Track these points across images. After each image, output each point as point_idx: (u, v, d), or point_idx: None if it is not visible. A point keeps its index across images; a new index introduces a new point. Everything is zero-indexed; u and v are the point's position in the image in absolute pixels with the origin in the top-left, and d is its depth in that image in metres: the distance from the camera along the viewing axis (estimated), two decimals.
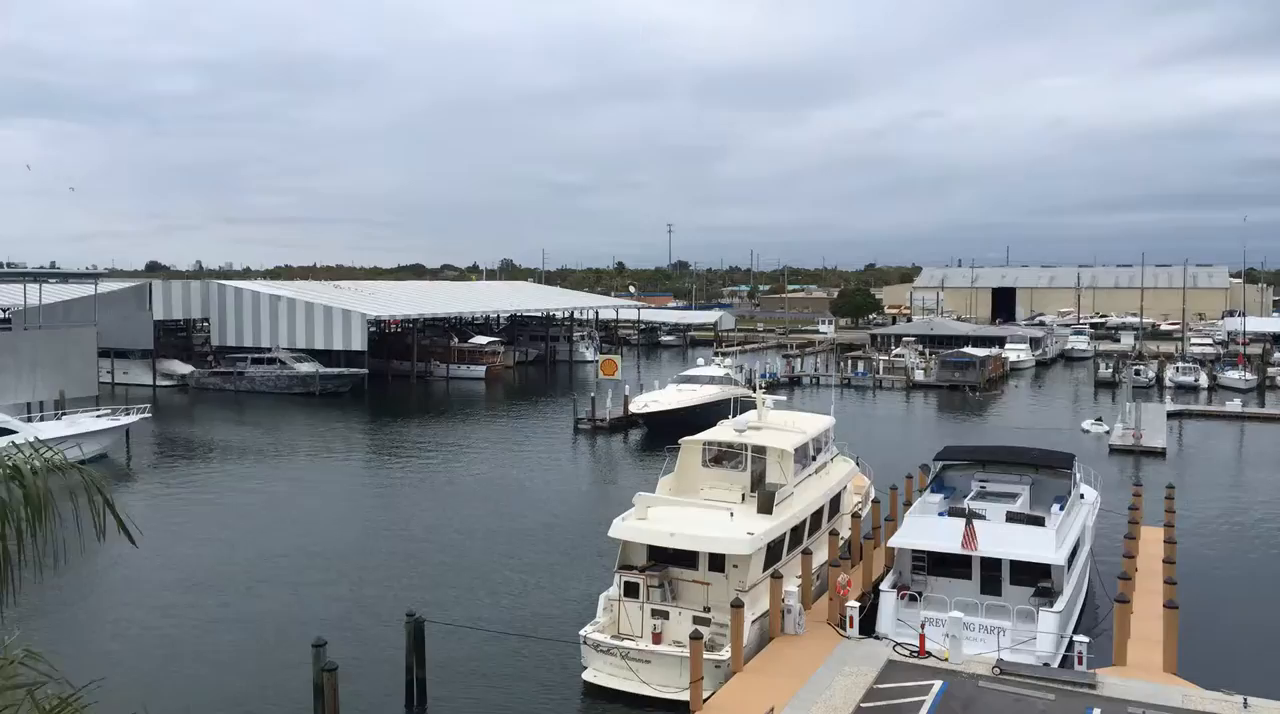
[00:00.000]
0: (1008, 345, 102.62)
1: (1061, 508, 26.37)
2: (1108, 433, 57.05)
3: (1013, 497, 27.70)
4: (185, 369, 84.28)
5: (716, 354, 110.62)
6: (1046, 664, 21.37)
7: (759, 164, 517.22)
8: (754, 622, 22.41)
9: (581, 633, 22.67)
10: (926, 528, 25.21)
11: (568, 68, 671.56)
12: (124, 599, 28.74)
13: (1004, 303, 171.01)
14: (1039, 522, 25.03)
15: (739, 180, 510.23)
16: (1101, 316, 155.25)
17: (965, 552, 23.73)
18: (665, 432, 46.37)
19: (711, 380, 62.49)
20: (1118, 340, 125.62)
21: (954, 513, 25.60)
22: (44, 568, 6.79)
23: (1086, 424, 61.12)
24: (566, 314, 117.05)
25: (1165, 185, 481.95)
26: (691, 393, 59.55)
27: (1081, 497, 29.73)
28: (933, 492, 29.14)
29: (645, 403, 58.60)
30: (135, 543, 7.18)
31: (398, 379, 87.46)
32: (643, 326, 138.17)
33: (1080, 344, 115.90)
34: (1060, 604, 22.69)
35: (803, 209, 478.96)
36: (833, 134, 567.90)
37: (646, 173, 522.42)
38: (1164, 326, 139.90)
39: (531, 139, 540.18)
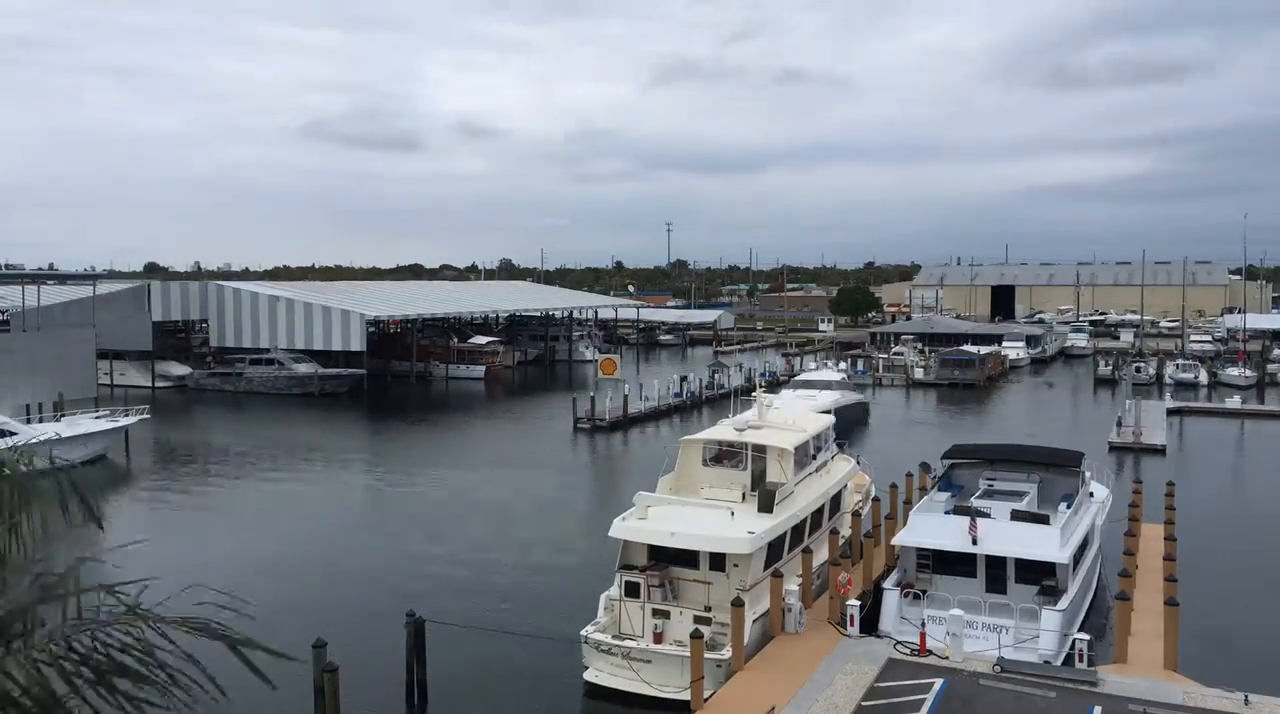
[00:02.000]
0: (1006, 343, 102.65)
1: (1069, 506, 26.31)
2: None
3: (1020, 495, 27.61)
4: (183, 370, 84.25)
5: (716, 353, 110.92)
6: (1047, 662, 21.35)
7: None
8: (755, 621, 22.39)
9: (582, 633, 22.63)
10: (931, 526, 25.16)
11: None
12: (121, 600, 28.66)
13: (1003, 301, 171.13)
14: (1044, 520, 24.98)
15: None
16: (1101, 314, 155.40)
17: (969, 550, 23.70)
18: None
19: (829, 385, 58.53)
20: (1117, 337, 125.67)
21: (959, 511, 25.55)
22: (29, 559, 6.92)
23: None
24: (565, 314, 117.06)
25: None
26: (812, 400, 53.83)
27: (1091, 495, 29.60)
28: (940, 490, 29.05)
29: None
30: (101, 526, 7.34)
31: (397, 379, 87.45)
32: (641, 326, 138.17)
33: (1079, 341, 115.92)
34: (1064, 603, 22.64)
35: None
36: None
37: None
38: (1164, 324, 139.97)
39: None
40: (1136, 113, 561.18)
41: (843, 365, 69.93)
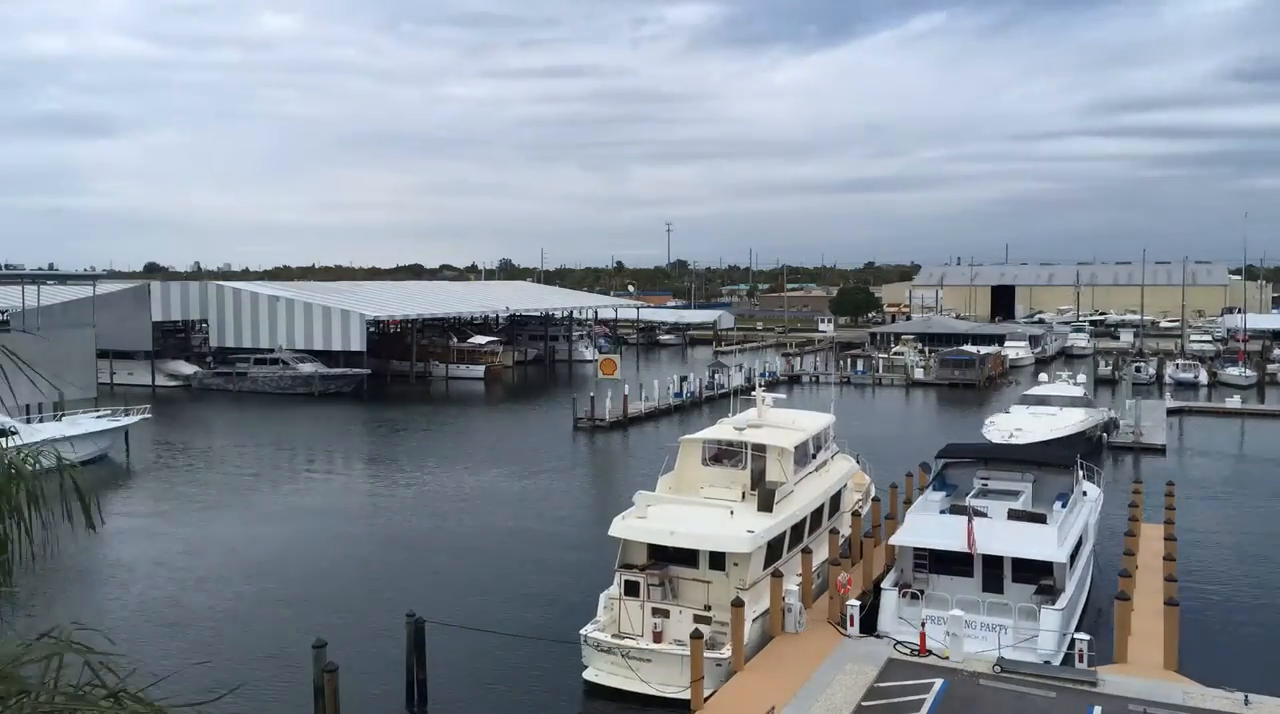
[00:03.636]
0: (1007, 343, 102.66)
1: (1064, 505, 26.35)
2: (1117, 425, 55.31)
3: (1015, 494, 27.67)
4: (189, 370, 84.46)
5: (716, 353, 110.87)
6: (1047, 662, 21.35)
7: None
8: (754, 620, 22.39)
9: (582, 632, 22.64)
10: (928, 526, 25.19)
11: None
12: (123, 600, 28.71)
13: (1003, 301, 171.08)
14: (1041, 519, 25.03)
15: None
16: (1101, 314, 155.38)
17: (966, 550, 23.72)
18: None
19: (1073, 402, 52.81)
20: (1117, 337, 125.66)
21: (956, 510, 25.58)
22: (37, 557, 6.93)
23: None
24: (565, 314, 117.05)
25: None
26: (1053, 419, 50.20)
27: (1084, 494, 29.72)
28: (934, 490, 29.11)
29: (1010, 432, 47.82)
30: (95, 528, 7.31)
31: (397, 379, 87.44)
32: (641, 326, 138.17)
33: (1080, 341, 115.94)
34: (1062, 602, 22.67)
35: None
36: None
37: None
38: (1164, 324, 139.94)
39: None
40: None
41: (1079, 377, 62.39)
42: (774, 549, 24.20)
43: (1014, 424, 49.65)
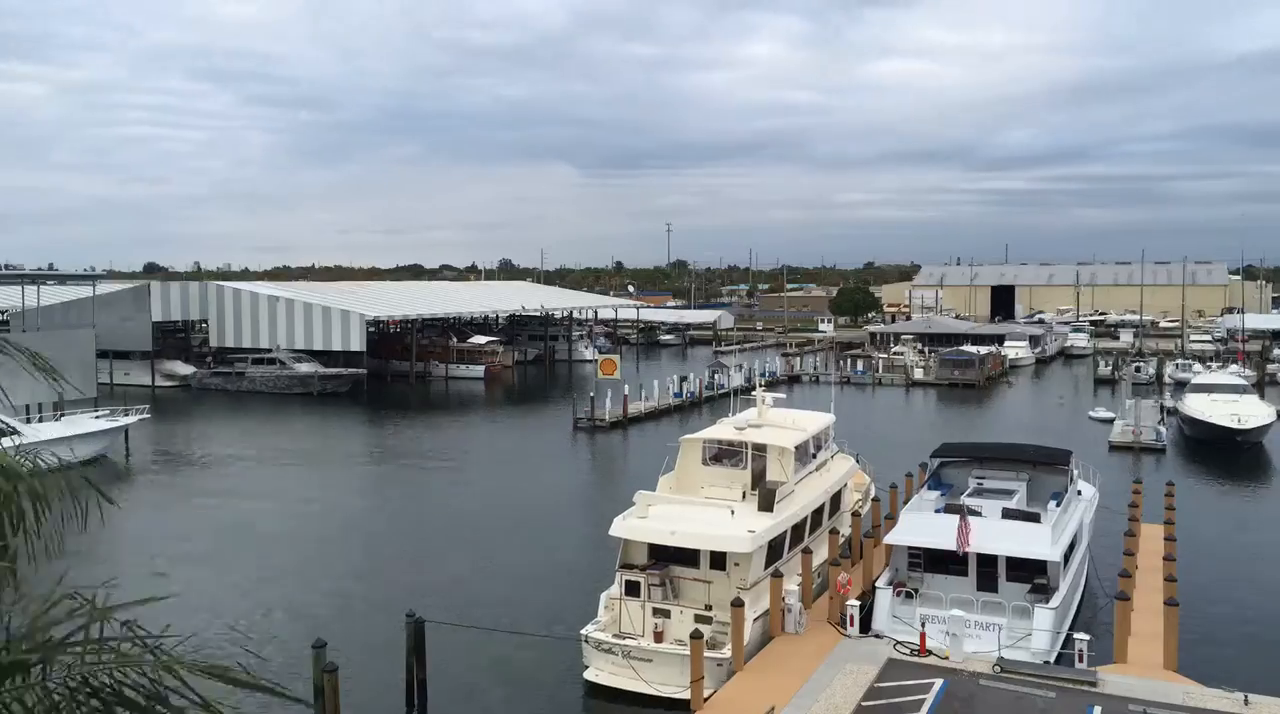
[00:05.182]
0: (1006, 343, 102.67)
1: (1058, 504, 26.40)
2: (1112, 420, 58.91)
3: (1009, 493, 27.72)
4: (187, 370, 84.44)
5: (716, 353, 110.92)
6: (1046, 662, 21.37)
7: None
8: (755, 620, 22.40)
9: (582, 632, 22.65)
10: (922, 525, 25.23)
11: None
12: (122, 600, 28.67)
13: (1003, 301, 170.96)
14: (1034, 518, 25.09)
15: None
16: (1101, 314, 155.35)
17: (959, 549, 23.75)
18: None
19: (1245, 390, 46.36)
20: (1117, 337, 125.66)
21: (950, 510, 25.63)
22: (40, 560, 6.97)
23: (1094, 412, 65.12)
24: (565, 314, 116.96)
25: None
26: (1235, 404, 45.76)
27: (1079, 493, 29.76)
28: (930, 489, 29.17)
29: (1239, 417, 42.05)
30: (115, 504, 7.38)
31: (396, 379, 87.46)
32: (641, 326, 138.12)
33: (1080, 341, 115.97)
34: (1056, 600, 22.70)
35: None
36: None
37: None
38: (1163, 324, 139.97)
39: None
40: None
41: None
42: (774, 549, 24.21)
43: (1225, 410, 44.66)
